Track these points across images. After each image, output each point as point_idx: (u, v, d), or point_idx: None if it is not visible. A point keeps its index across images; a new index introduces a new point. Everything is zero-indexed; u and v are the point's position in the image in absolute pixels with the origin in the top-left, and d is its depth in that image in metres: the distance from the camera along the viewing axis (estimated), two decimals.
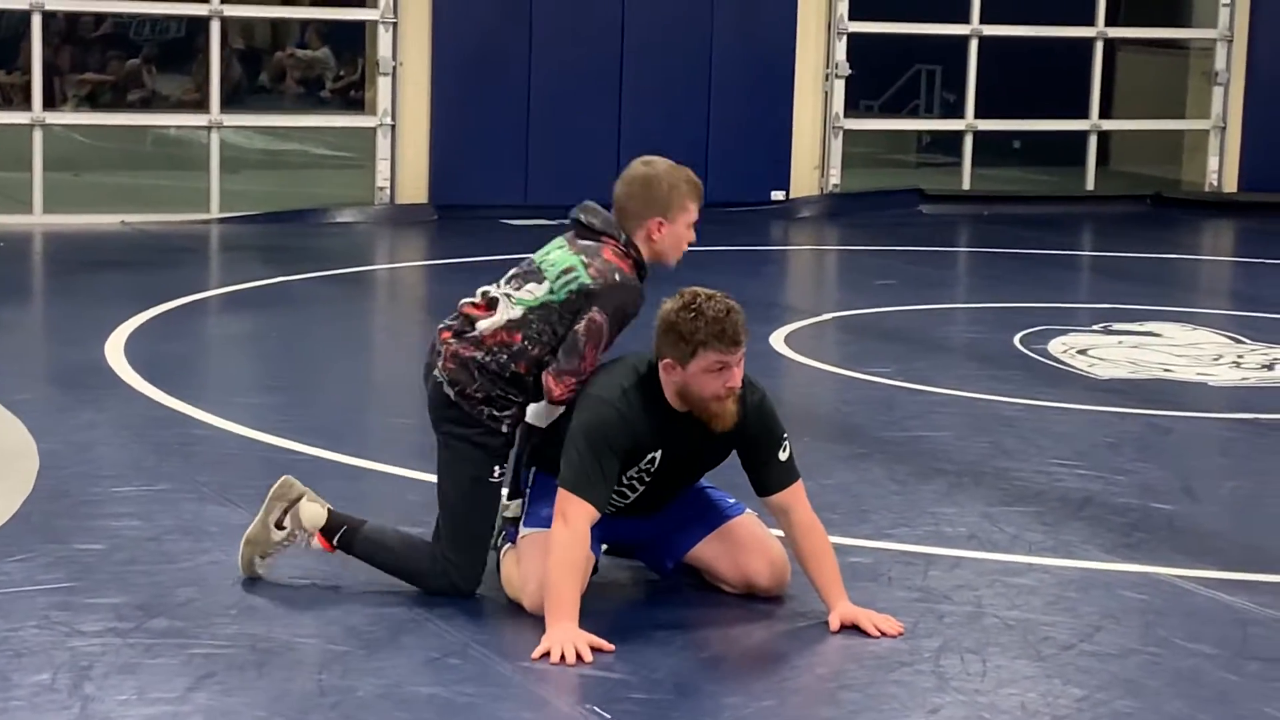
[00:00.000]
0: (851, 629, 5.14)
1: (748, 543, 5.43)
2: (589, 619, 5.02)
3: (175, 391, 7.94)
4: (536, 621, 5.08)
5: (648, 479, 5.29)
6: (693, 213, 5.51)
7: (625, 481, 5.27)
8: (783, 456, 5.30)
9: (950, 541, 6.07)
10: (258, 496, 6.35)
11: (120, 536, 5.88)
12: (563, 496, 5.11)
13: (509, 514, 5.50)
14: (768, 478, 5.31)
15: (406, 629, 5.12)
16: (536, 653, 4.91)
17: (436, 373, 5.43)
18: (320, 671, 4.80)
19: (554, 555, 5.06)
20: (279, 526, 5.48)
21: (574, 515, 5.08)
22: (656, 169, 5.51)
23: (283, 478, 5.56)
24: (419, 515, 6.27)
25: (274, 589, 5.42)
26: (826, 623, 5.18)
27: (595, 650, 4.92)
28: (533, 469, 5.45)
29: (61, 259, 12.04)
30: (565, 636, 4.93)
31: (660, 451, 5.24)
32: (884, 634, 5.12)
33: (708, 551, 5.45)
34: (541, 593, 5.09)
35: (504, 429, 5.32)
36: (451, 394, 5.37)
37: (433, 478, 5.67)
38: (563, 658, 4.87)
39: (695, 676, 4.91)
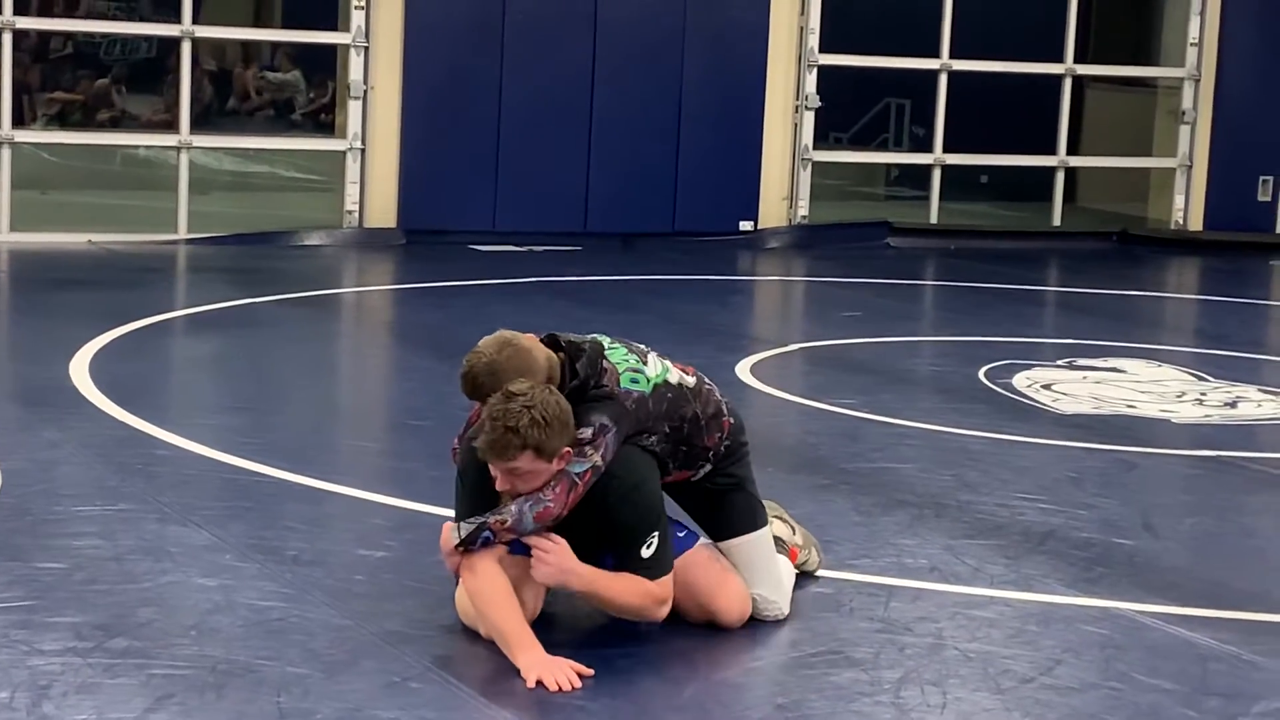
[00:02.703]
0: None
1: (709, 579, 5.40)
2: (549, 645, 5.01)
3: (139, 411, 7.92)
4: (495, 646, 5.07)
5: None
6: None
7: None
8: (646, 554, 5.17)
9: (912, 573, 6.09)
10: (220, 517, 6.37)
11: (81, 556, 5.86)
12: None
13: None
14: (630, 569, 5.19)
15: (366, 652, 5.11)
16: (530, 682, 4.89)
17: None
18: (279, 694, 4.79)
19: (479, 602, 5.07)
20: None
21: (469, 563, 5.08)
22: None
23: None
24: (381, 539, 6.27)
25: (234, 611, 5.40)
26: (790, 653, 5.19)
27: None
28: None
29: (28, 277, 12.01)
30: (549, 664, 4.94)
31: None
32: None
33: None
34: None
35: None
36: None
37: (396, 500, 5.70)
38: (558, 685, 4.87)
39: (656, 704, 4.91)
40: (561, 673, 4.91)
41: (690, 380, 5.43)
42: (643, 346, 5.44)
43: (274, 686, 4.83)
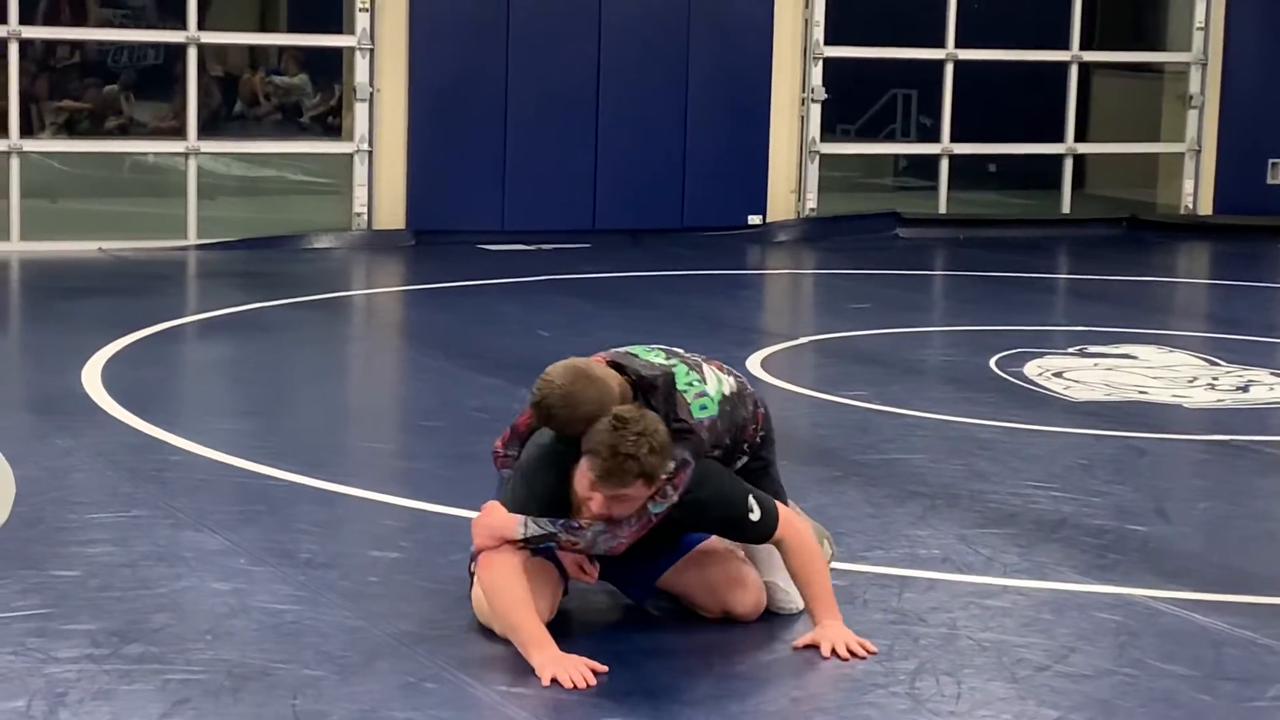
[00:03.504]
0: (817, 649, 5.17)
1: (723, 571, 5.42)
2: (564, 642, 5.03)
3: (151, 418, 7.94)
4: (510, 646, 5.08)
5: None
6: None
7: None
8: (754, 518, 5.26)
9: (925, 564, 6.09)
10: (233, 522, 6.39)
11: (96, 563, 5.88)
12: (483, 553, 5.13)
13: None
14: (751, 539, 5.35)
15: (381, 653, 5.12)
16: (545, 680, 4.89)
17: None
18: (295, 697, 4.80)
19: (494, 599, 5.07)
20: None
21: (492, 559, 5.08)
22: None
23: None
24: (394, 540, 6.29)
25: (249, 615, 5.42)
26: (803, 646, 5.21)
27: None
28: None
29: (39, 286, 12.04)
30: (563, 662, 4.94)
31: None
32: (838, 655, 5.12)
33: (681, 580, 5.44)
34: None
35: None
36: None
37: (409, 501, 5.70)
38: (573, 682, 4.87)
39: (670, 700, 4.92)
40: (576, 670, 4.92)
41: (732, 381, 5.49)
42: (692, 355, 5.48)
43: (289, 689, 4.85)
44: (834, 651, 5.13)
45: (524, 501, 5.15)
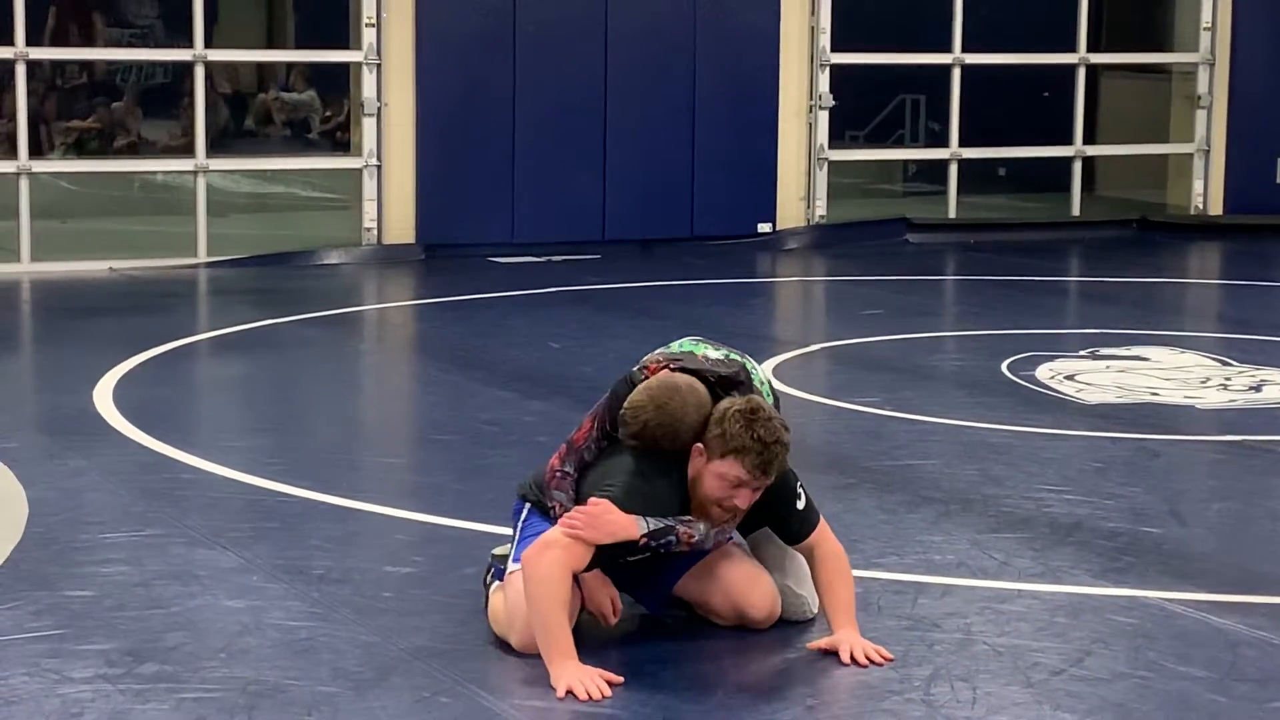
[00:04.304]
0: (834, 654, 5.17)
1: (739, 576, 5.42)
2: (578, 652, 5.02)
3: (164, 436, 7.94)
4: (525, 659, 5.08)
5: (650, 555, 5.29)
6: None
7: (636, 553, 5.27)
8: (800, 505, 5.34)
9: (939, 569, 6.08)
10: (246, 539, 6.39)
11: (109, 582, 5.88)
12: (555, 536, 5.11)
13: (498, 552, 5.51)
14: (791, 531, 5.38)
15: (395, 669, 5.12)
16: (560, 692, 4.89)
17: None
18: (310, 713, 4.80)
19: (536, 593, 5.03)
20: None
21: (556, 555, 5.06)
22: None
23: None
24: (407, 555, 6.28)
25: (263, 632, 5.42)
26: (819, 652, 5.20)
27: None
28: (526, 505, 5.44)
29: (50, 306, 12.05)
30: (579, 673, 4.94)
31: None
32: (858, 662, 5.12)
33: (696, 586, 5.44)
34: (528, 631, 5.09)
35: None
36: None
37: (422, 516, 5.69)
38: (588, 695, 4.87)
39: (685, 709, 4.91)
40: (592, 682, 4.91)
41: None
42: (727, 348, 5.49)
43: (304, 706, 4.84)
44: (852, 657, 5.13)
45: (642, 503, 5.16)
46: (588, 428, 5.37)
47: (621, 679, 4.97)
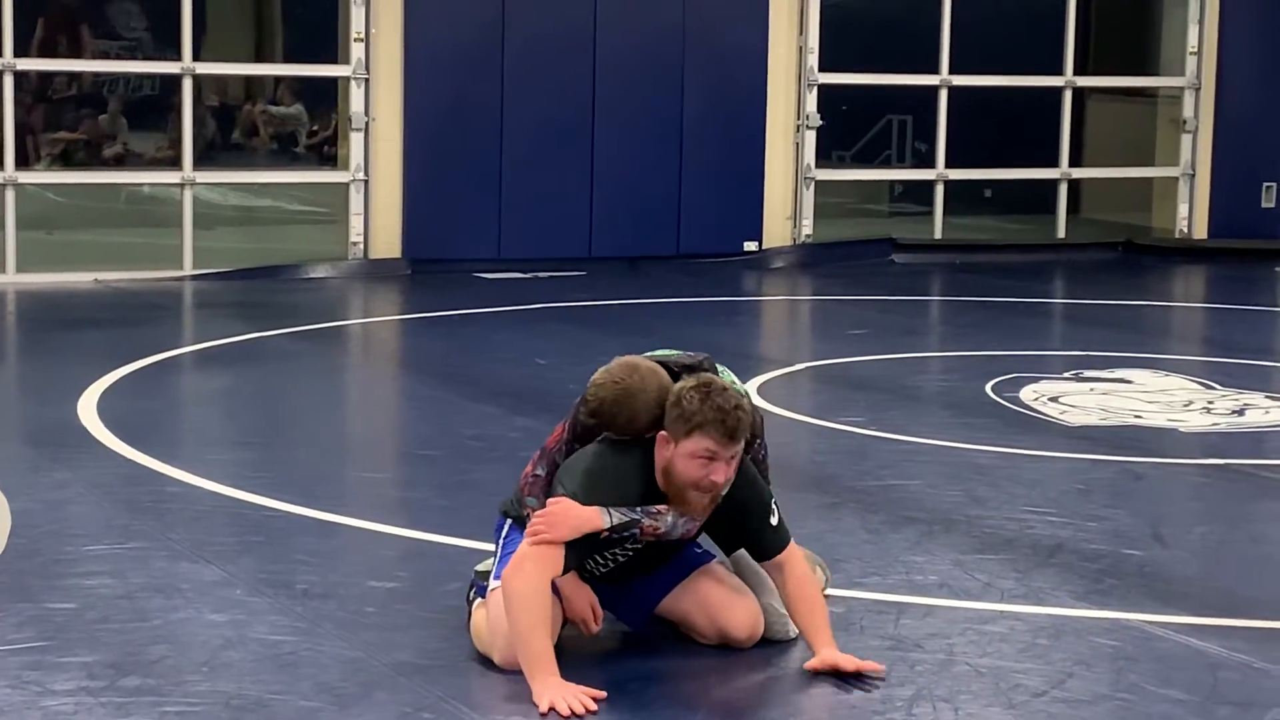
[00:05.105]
0: (831, 673, 5.15)
1: (721, 596, 5.42)
2: (561, 668, 5.02)
3: (148, 449, 7.94)
4: (507, 675, 5.08)
5: (622, 558, 5.29)
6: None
7: (605, 556, 5.28)
8: (773, 522, 5.33)
9: (922, 590, 6.09)
10: (230, 553, 6.38)
11: (92, 595, 5.87)
12: (526, 548, 5.10)
13: (480, 568, 5.51)
14: (762, 546, 5.35)
15: (379, 684, 5.12)
16: (543, 708, 4.89)
17: None
18: None
19: (516, 608, 5.03)
20: None
21: (531, 568, 5.07)
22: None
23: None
24: (391, 570, 6.28)
25: (246, 646, 5.41)
26: (801, 671, 5.20)
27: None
28: (507, 521, 5.45)
29: (35, 318, 12.04)
30: (561, 689, 4.94)
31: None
32: (862, 674, 5.13)
33: (679, 605, 5.44)
34: (511, 648, 5.09)
35: None
36: None
37: (406, 531, 5.69)
38: (571, 711, 4.86)
39: None
40: (574, 698, 4.91)
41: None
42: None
43: None
44: (857, 670, 5.13)
45: (604, 489, 5.15)
46: (559, 432, 5.40)
47: (604, 694, 4.97)
